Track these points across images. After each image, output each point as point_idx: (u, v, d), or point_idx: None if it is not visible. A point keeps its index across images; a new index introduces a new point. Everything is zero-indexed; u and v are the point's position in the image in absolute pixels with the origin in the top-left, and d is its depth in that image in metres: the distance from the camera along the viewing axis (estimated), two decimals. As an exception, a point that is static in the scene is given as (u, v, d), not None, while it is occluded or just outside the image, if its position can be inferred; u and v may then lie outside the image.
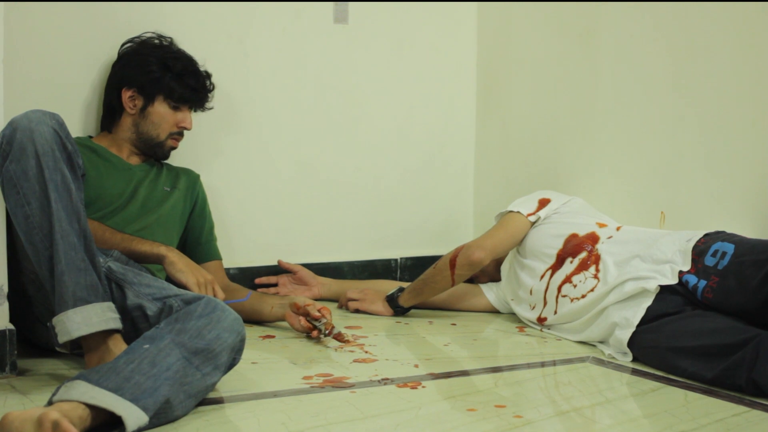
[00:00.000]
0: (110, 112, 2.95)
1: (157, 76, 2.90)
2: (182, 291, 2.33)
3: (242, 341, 2.18)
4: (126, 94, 2.90)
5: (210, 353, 2.07)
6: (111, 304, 2.18)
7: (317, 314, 2.74)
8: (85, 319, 2.12)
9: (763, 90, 2.88)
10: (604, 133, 3.41)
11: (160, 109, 2.92)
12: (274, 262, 3.44)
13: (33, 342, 2.45)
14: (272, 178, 3.52)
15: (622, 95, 3.33)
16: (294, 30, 3.50)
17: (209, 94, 3.04)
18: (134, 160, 2.96)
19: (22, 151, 2.14)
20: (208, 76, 3.03)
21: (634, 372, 2.53)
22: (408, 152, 3.83)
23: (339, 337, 2.73)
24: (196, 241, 3.04)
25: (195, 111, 3.04)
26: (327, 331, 2.72)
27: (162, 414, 1.94)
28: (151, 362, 1.96)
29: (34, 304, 2.35)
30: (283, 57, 3.49)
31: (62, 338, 2.13)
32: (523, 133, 3.77)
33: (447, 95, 3.92)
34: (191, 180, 3.07)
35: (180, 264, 2.57)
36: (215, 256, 3.07)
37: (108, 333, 2.16)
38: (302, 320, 2.76)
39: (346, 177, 3.69)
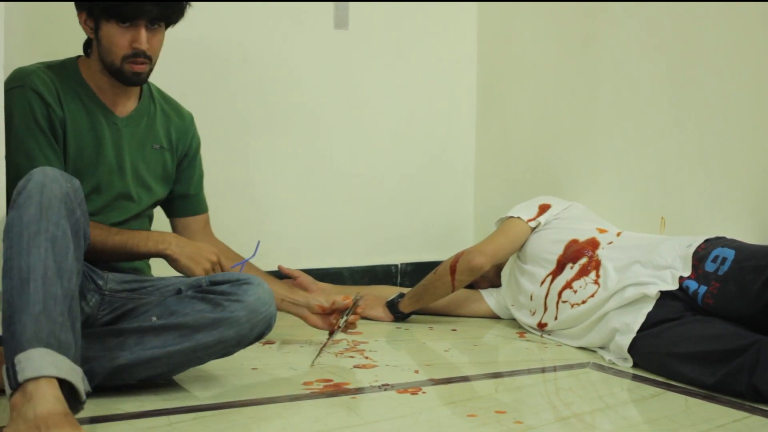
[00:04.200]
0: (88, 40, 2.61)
1: None
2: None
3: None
4: (81, 19, 2.53)
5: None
6: (81, 372, 1.98)
7: (347, 303, 2.73)
8: (55, 362, 1.91)
9: (762, 96, 2.88)
10: (604, 138, 3.41)
11: (107, 30, 2.47)
12: (275, 268, 3.43)
13: None
14: (272, 183, 3.52)
15: (622, 101, 3.34)
16: (294, 35, 3.51)
17: (163, 4, 2.49)
18: (122, 107, 2.60)
19: (27, 200, 2.04)
20: None
21: (635, 378, 2.53)
22: (408, 157, 3.83)
23: (350, 326, 2.75)
24: (184, 193, 2.79)
25: (154, 26, 2.50)
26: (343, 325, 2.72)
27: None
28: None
29: None
30: (283, 62, 3.49)
31: (27, 374, 1.86)
32: (523, 138, 3.77)
33: (447, 100, 3.92)
34: (183, 127, 2.76)
35: (183, 259, 2.45)
36: (203, 209, 2.86)
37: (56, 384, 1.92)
38: (333, 317, 2.74)
39: (347, 182, 3.69)
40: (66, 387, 1.89)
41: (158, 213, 2.73)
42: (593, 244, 2.95)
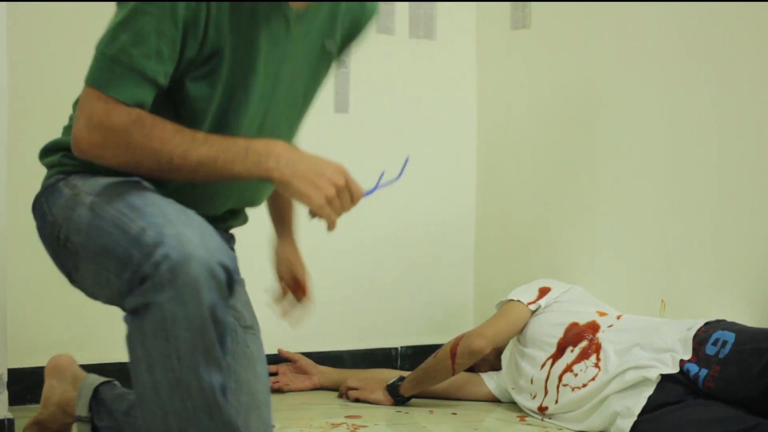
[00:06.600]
0: None
1: None
2: None
3: None
4: None
5: None
6: None
7: None
8: None
9: (760, 178, 2.90)
10: (604, 221, 3.43)
11: None
12: (275, 351, 3.43)
13: None
14: (270, 266, 3.51)
15: (622, 184, 3.36)
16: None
17: None
18: None
19: (192, 295, 1.57)
20: None
21: (637, 462, 2.51)
22: (408, 240, 3.84)
23: None
24: None
25: None
26: None
27: None
28: None
29: None
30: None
31: None
32: (523, 221, 3.78)
33: (447, 182, 3.94)
34: (360, 14, 2.05)
35: (296, 182, 1.79)
36: None
37: None
38: None
39: (346, 265, 3.69)
40: None
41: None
42: (593, 327, 2.94)
